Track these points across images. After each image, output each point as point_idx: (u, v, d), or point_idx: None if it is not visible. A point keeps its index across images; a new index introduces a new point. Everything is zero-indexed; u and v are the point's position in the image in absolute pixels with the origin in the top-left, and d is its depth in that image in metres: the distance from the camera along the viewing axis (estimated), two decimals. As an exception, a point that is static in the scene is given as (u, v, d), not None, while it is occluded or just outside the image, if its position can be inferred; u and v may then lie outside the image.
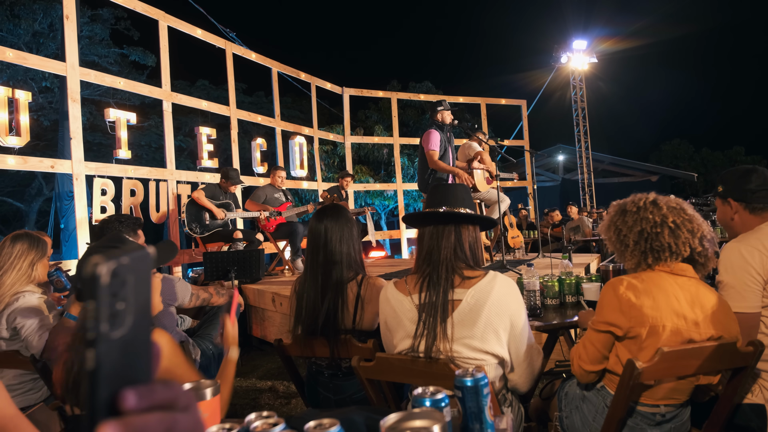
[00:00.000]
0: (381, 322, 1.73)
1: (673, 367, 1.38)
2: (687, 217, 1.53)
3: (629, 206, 1.60)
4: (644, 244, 1.52)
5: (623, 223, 1.59)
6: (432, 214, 1.67)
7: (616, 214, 1.64)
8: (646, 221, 1.54)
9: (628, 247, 1.56)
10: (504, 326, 1.52)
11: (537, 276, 2.24)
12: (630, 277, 1.51)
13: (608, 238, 1.64)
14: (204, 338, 2.59)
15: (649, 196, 1.60)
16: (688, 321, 1.43)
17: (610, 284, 1.51)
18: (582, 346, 1.56)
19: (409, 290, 1.62)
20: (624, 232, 1.58)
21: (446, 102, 5.09)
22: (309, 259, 2.00)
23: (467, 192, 1.75)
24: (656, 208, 1.54)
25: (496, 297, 1.52)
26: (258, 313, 4.63)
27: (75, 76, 5.60)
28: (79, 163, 5.51)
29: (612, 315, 1.46)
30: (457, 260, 1.59)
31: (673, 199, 1.59)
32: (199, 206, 5.46)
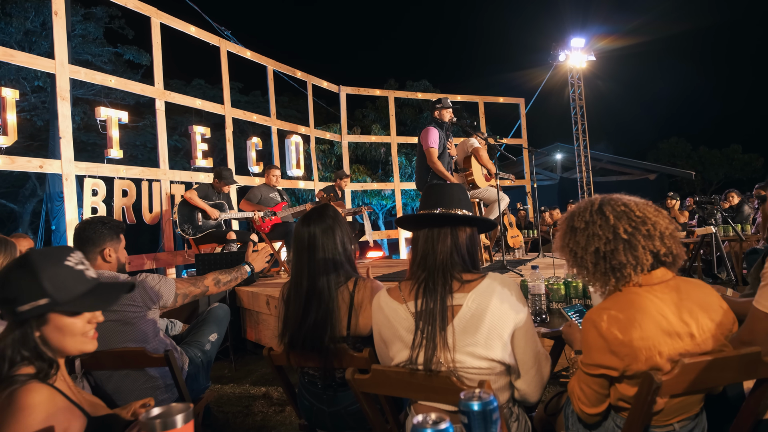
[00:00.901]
0: (375, 333, 1.61)
1: (693, 380, 1.27)
2: (638, 219, 1.36)
3: (577, 221, 1.43)
4: (604, 265, 1.36)
5: (575, 243, 1.42)
6: (427, 216, 1.55)
7: (566, 233, 1.46)
8: (597, 238, 1.37)
9: (588, 270, 1.40)
10: (509, 330, 1.41)
11: (542, 279, 2.13)
12: (608, 308, 1.32)
13: (566, 260, 1.48)
14: (192, 345, 2.46)
15: (593, 204, 1.42)
16: (682, 337, 1.29)
17: (591, 321, 1.33)
18: (578, 387, 1.41)
19: (404, 297, 1.50)
20: (579, 253, 1.41)
21: (446, 100, 4.98)
22: (294, 266, 1.89)
23: (464, 192, 1.63)
24: (603, 220, 1.37)
25: (499, 299, 1.41)
26: (252, 316, 4.51)
27: (64, 73, 5.47)
28: (69, 163, 5.39)
29: (602, 358, 1.30)
30: (454, 264, 1.48)
31: (619, 199, 1.42)
32: (191, 207, 5.34)
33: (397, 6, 66.70)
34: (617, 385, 1.34)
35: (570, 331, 1.73)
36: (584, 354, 1.36)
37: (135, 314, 2.07)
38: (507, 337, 1.41)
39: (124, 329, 2.05)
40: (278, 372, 1.91)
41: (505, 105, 12.04)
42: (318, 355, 1.76)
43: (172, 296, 2.22)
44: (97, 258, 2.24)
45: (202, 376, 2.40)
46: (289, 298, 1.87)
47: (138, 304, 2.08)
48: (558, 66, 17.29)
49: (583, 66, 17.10)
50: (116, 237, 2.25)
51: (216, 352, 2.63)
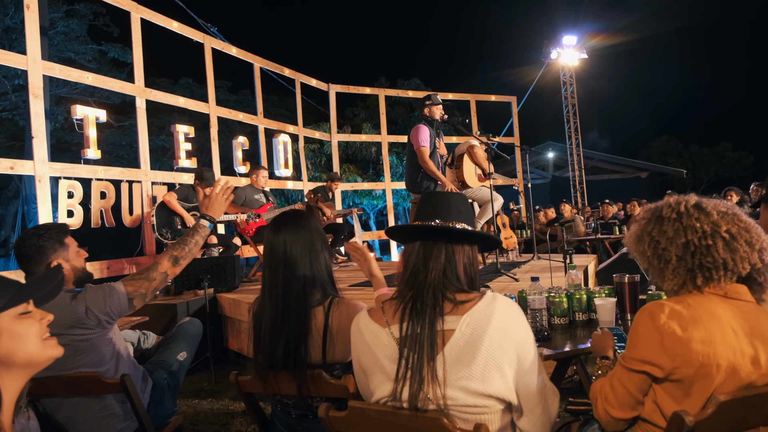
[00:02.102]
0: (354, 360, 1.39)
1: (731, 420, 1.07)
2: (743, 225, 1.21)
3: (666, 211, 1.28)
4: (691, 260, 1.20)
5: (661, 233, 1.26)
6: (420, 228, 1.35)
7: (649, 222, 1.30)
8: (692, 231, 1.21)
9: (670, 264, 1.23)
10: (509, 360, 1.20)
11: (543, 292, 1.92)
12: (673, 302, 1.18)
13: (640, 252, 1.31)
14: (158, 365, 2.22)
15: (689, 199, 1.28)
16: (746, 359, 1.10)
17: (648, 311, 1.18)
18: (609, 385, 1.23)
19: (387, 320, 1.29)
20: (663, 244, 1.25)
21: (436, 96, 4.78)
22: (266, 279, 1.68)
23: (465, 202, 1.43)
24: (703, 214, 1.23)
25: (498, 323, 1.20)
26: (234, 324, 4.29)
27: (37, 70, 5.21)
28: (42, 163, 5.13)
29: (651, 352, 1.14)
30: (447, 284, 1.28)
31: (722, 202, 1.27)
32: (170, 210, 5.10)
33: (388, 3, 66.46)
34: (656, 389, 1.17)
35: (602, 338, 1.55)
36: (629, 347, 1.20)
37: (85, 337, 1.83)
38: (509, 370, 1.19)
39: (73, 354, 1.81)
40: (248, 400, 1.69)
41: (497, 103, 11.89)
42: (293, 378, 1.55)
43: (125, 304, 1.91)
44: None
45: (168, 400, 2.17)
46: (260, 316, 1.66)
47: (87, 325, 1.83)
48: (550, 64, 17.18)
49: (575, 64, 17.00)
50: (60, 244, 1.99)
51: (185, 372, 2.40)
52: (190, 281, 4.07)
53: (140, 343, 3.18)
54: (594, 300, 1.90)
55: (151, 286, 2.03)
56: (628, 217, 8.70)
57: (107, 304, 1.87)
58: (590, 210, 11.14)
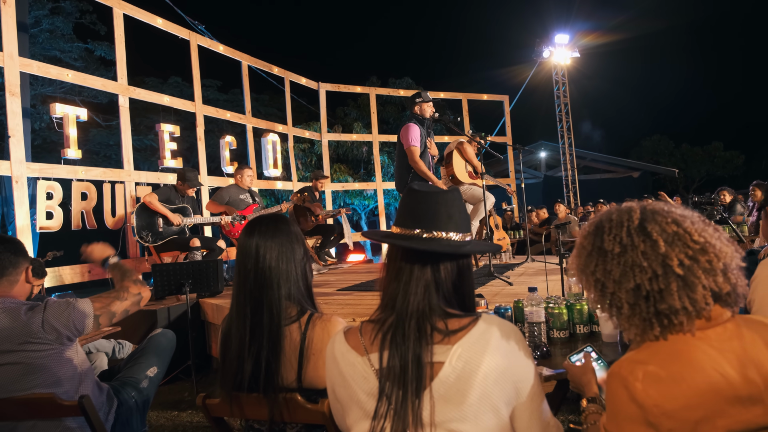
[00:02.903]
0: (329, 389, 1.22)
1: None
2: (697, 246, 0.98)
3: (608, 242, 1.02)
4: (646, 307, 0.98)
5: (605, 273, 1.02)
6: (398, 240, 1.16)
7: (591, 255, 1.05)
8: (640, 271, 0.98)
9: (622, 311, 1.02)
10: (507, 398, 1.03)
11: (542, 303, 1.77)
12: (644, 361, 0.96)
13: (587, 293, 1.10)
14: (125, 382, 2.05)
15: (632, 218, 1.02)
16: (745, 404, 0.91)
17: (620, 379, 0.96)
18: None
19: (365, 346, 1.11)
20: (611, 288, 1.02)
21: (426, 93, 4.64)
22: (236, 289, 1.52)
23: (455, 203, 1.20)
24: (650, 245, 0.98)
25: (495, 355, 1.03)
26: (217, 330, 4.11)
27: (14, 67, 5.03)
28: (20, 164, 4.95)
29: (635, 427, 0.93)
30: (433, 309, 1.09)
31: (667, 214, 1.02)
32: (151, 211, 4.92)
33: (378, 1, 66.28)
34: None
35: (579, 372, 1.32)
36: (609, 418, 0.99)
37: (40, 354, 1.67)
38: (506, 409, 1.03)
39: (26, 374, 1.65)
40: (217, 425, 1.54)
41: (489, 102, 11.79)
42: (264, 406, 1.41)
43: (88, 321, 1.77)
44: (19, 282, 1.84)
45: (136, 420, 2.01)
46: (229, 332, 1.51)
47: (44, 340, 1.68)
48: (542, 63, 17.11)
49: (567, 63, 16.93)
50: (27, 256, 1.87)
51: (156, 389, 2.24)
52: (171, 286, 3.90)
53: (115, 353, 3.02)
54: (597, 311, 1.75)
55: (122, 306, 1.94)
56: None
57: (70, 318, 1.73)
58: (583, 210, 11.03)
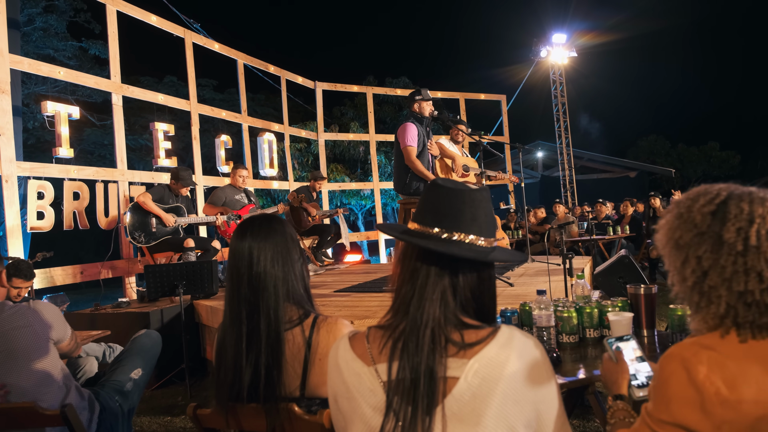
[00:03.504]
0: (330, 399, 1.12)
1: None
2: None
3: (729, 234, 0.92)
4: (744, 313, 0.91)
5: (715, 265, 0.93)
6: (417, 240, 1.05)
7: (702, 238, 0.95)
8: (756, 278, 0.90)
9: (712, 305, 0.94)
10: (526, 420, 0.94)
11: (551, 306, 1.69)
12: (710, 347, 0.91)
13: (675, 268, 1.00)
14: (108, 387, 1.94)
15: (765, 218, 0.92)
16: None
17: (679, 360, 0.91)
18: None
19: (373, 354, 1.02)
20: (713, 281, 0.93)
21: (425, 91, 4.55)
22: (229, 294, 1.43)
23: (482, 203, 1.08)
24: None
25: (515, 371, 0.94)
26: (212, 333, 4.04)
27: (4, 64, 4.92)
28: (10, 163, 4.85)
29: (689, 416, 0.88)
30: (448, 319, 0.99)
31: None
32: (144, 212, 4.82)
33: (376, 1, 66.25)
34: None
35: (614, 369, 1.26)
36: (657, 404, 0.93)
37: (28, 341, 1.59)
38: (524, 429, 0.94)
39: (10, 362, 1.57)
40: (207, 434, 1.45)
41: (487, 102, 11.74)
42: (261, 417, 1.32)
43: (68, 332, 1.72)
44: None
45: (122, 425, 1.92)
46: (224, 340, 1.42)
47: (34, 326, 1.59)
48: (540, 62, 17.06)
49: (564, 62, 16.88)
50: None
51: (142, 392, 2.15)
52: (164, 288, 3.82)
53: (105, 357, 2.93)
54: (607, 315, 1.67)
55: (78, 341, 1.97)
56: (622, 218, 8.54)
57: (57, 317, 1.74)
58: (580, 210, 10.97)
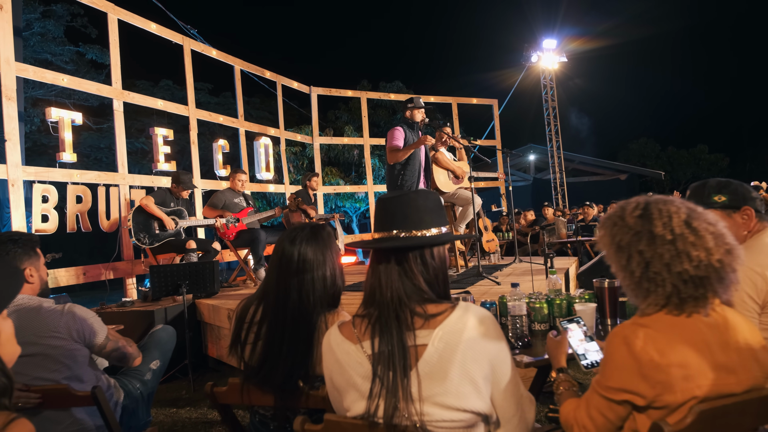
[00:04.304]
0: (326, 378, 1.34)
1: (711, 427, 1.07)
2: (729, 246, 1.16)
3: (659, 228, 1.16)
4: (684, 290, 1.13)
5: (655, 255, 1.16)
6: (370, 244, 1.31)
7: (639, 237, 1.19)
8: (688, 260, 1.13)
9: (660, 289, 1.15)
10: (483, 373, 1.17)
11: (524, 297, 1.91)
12: (646, 324, 1.15)
13: (621, 266, 1.23)
14: (130, 375, 2.16)
15: (680, 212, 1.18)
16: (722, 371, 1.10)
17: (622, 337, 1.14)
18: (586, 415, 1.19)
19: (359, 335, 1.24)
20: (657, 268, 1.16)
21: (418, 99, 4.76)
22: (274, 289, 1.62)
23: (428, 199, 1.35)
24: (698, 239, 1.14)
25: (471, 336, 1.17)
26: (213, 331, 4.22)
27: (10, 72, 5.10)
28: (16, 167, 5.01)
29: (630, 381, 1.11)
30: (410, 297, 1.24)
31: (706, 215, 1.19)
32: (147, 214, 5.00)
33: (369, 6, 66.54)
34: (636, 417, 1.14)
35: (555, 345, 1.50)
36: (605, 375, 1.16)
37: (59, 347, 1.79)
38: (483, 383, 1.17)
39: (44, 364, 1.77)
40: (223, 411, 1.65)
41: (479, 106, 11.95)
42: (272, 394, 1.51)
43: (103, 335, 1.93)
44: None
45: (142, 410, 2.12)
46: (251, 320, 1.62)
47: (63, 335, 1.79)
48: (531, 67, 17.33)
49: (555, 67, 17.16)
50: (34, 253, 1.96)
51: (159, 381, 2.35)
52: (168, 287, 4.00)
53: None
54: (574, 305, 1.89)
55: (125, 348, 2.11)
56: (608, 220, 8.77)
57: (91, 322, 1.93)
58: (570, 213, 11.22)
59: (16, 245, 1.89)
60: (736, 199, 1.67)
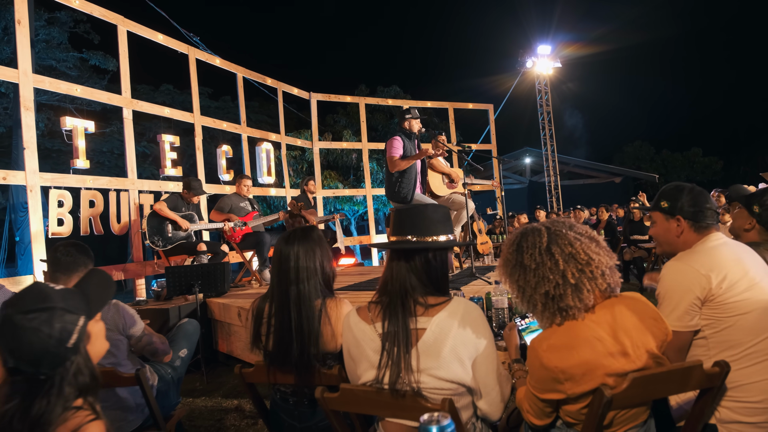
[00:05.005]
0: (344, 351, 1.66)
1: (640, 393, 1.36)
2: (583, 261, 1.43)
3: (527, 260, 1.46)
4: (552, 306, 1.43)
5: (525, 282, 1.47)
6: (388, 245, 1.63)
7: (515, 269, 1.50)
8: (548, 282, 1.43)
9: (537, 308, 1.47)
10: (469, 354, 1.48)
11: (506, 293, 2.21)
12: (548, 337, 1.43)
13: (513, 295, 1.55)
14: (163, 363, 2.47)
15: (542, 240, 1.46)
16: (617, 356, 1.37)
17: (533, 350, 1.43)
18: (527, 401, 1.51)
19: (372, 318, 1.56)
20: (528, 292, 1.47)
21: (415, 110, 5.05)
22: (277, 285, 1.91)
23: (438, 212, 1.65)
24: (552, 261, 1.43)
25: (461, 325, 1.48)
26: (224, 328, 4.51)
27: (28, 83, 5.38)
28: (34, 174, 5.29)
29: (546, 384, 1.41)
30: (414, 289, 1.54)
31: (565, 236, 1.46)
32: (160, 218, 5.28)
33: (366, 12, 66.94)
34: (564, 406, 1.44)
35: (508, 336, 1.88)
36: (531, 378, 1.46)
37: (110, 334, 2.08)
38: (468, 362, 1.48)
39: None
40: (250, 389, 1.94)
41: (475, 111, 12.22)
42: (292, 373, 1.80)
43: (140, 329, 2.24)
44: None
45: (172, 393, 2.41)
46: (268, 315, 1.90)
47: (110, 327, 2.08)
48: (526, 72, 17.64)
49: (549, 72, 17.48)
50: (91, 260, 2.26)
51: (186, 368, 2.64)
52: (181, 287, 4.28)
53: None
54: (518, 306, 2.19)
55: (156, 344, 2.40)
56: (599, 222, 9.09)
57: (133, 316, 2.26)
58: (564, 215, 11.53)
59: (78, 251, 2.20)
60: (673, 208, 1.93)
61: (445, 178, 5.49)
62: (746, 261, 1.75)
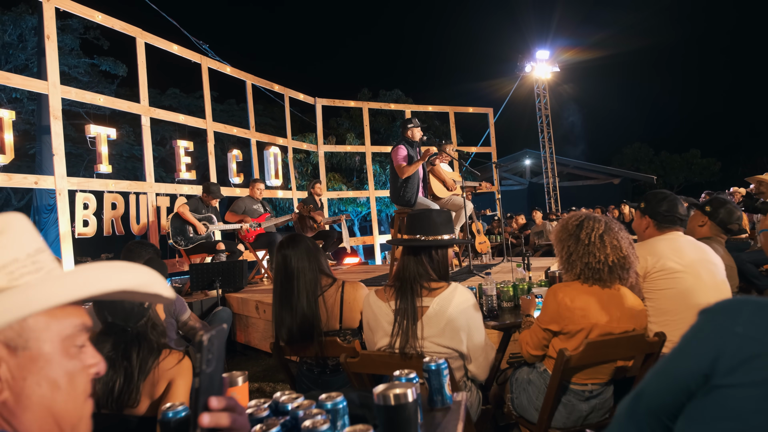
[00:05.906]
0: (364, 323, 2.07)
1: (595, 354, 1.75)
2: (623, 254, 1.86)
3: (583, 236, 1.89)
4: (587, 272, 1.86)
5: (575, 250, 1.90)
6: (403, 242, 2.04)
7: (570, 238, 1.93)
8: (592, 257, 1.85)
9: (574, 268, 1.90)
10: (463, 327, 1.87)
11: (494, 283, 2.61)
12: (567, 285, 1.90)
13: (557, 252, 1.98)
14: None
15: (599, 226, 1.89)
16: (608, 318, 1.81)
17: (552, 290, 1.91)
18: (529, 335, 1.96)
19: (387, 298, 1.98)
20: (573, 257, 1.90)
21: (416, 120, 5.44)
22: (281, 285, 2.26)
23: (442, 216, 2.05)
24: (602, 245, 1.85)
25: (456, 304, 1.88)
26: (242, 320, 4.90)
27: (56, 94, 5.78)
28: (62, 178, 5.69)
29: (552, 316, 1.86)
30: (421, 276, 1.95)
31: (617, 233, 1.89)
32: (183, 220, 5.68)
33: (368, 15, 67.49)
34: (554, 340, 1.88)
35: (527, 302, 2.34)
36: (541, 313, 1.92)
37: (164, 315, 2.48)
38: (461, 332, 1.88)
39: None
40: (281, 361, 2.33)
41: (475, 114, 12.53)
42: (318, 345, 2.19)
43: (188, 315, 2.66)
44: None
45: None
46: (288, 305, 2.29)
47: (164, 311, 2.48)
48: (525, 77, 18.02)
49: (548, 77, 17.85)
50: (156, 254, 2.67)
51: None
52: (203, 283, 4.68)
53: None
54: (533, 289, 2.59)
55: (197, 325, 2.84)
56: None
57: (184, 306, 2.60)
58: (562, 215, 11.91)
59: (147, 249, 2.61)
60: (646, 209, 2.36)
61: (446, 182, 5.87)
62: (688, 254, 2.16)
